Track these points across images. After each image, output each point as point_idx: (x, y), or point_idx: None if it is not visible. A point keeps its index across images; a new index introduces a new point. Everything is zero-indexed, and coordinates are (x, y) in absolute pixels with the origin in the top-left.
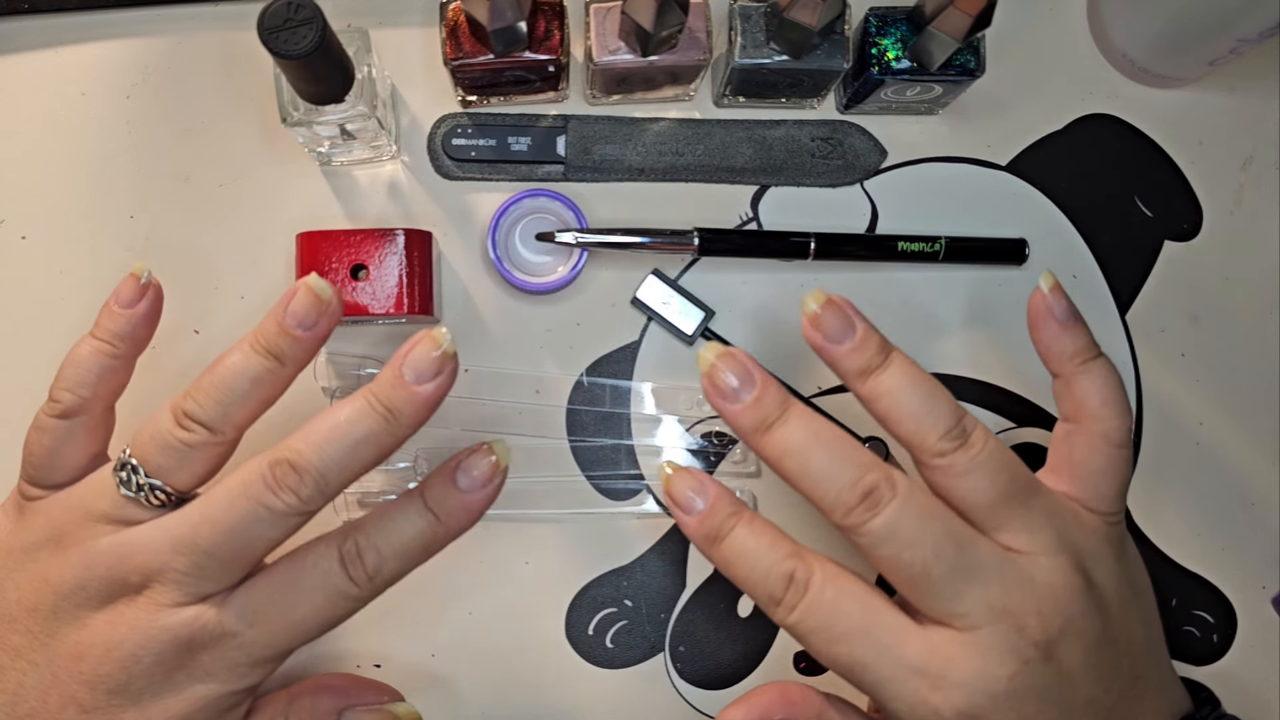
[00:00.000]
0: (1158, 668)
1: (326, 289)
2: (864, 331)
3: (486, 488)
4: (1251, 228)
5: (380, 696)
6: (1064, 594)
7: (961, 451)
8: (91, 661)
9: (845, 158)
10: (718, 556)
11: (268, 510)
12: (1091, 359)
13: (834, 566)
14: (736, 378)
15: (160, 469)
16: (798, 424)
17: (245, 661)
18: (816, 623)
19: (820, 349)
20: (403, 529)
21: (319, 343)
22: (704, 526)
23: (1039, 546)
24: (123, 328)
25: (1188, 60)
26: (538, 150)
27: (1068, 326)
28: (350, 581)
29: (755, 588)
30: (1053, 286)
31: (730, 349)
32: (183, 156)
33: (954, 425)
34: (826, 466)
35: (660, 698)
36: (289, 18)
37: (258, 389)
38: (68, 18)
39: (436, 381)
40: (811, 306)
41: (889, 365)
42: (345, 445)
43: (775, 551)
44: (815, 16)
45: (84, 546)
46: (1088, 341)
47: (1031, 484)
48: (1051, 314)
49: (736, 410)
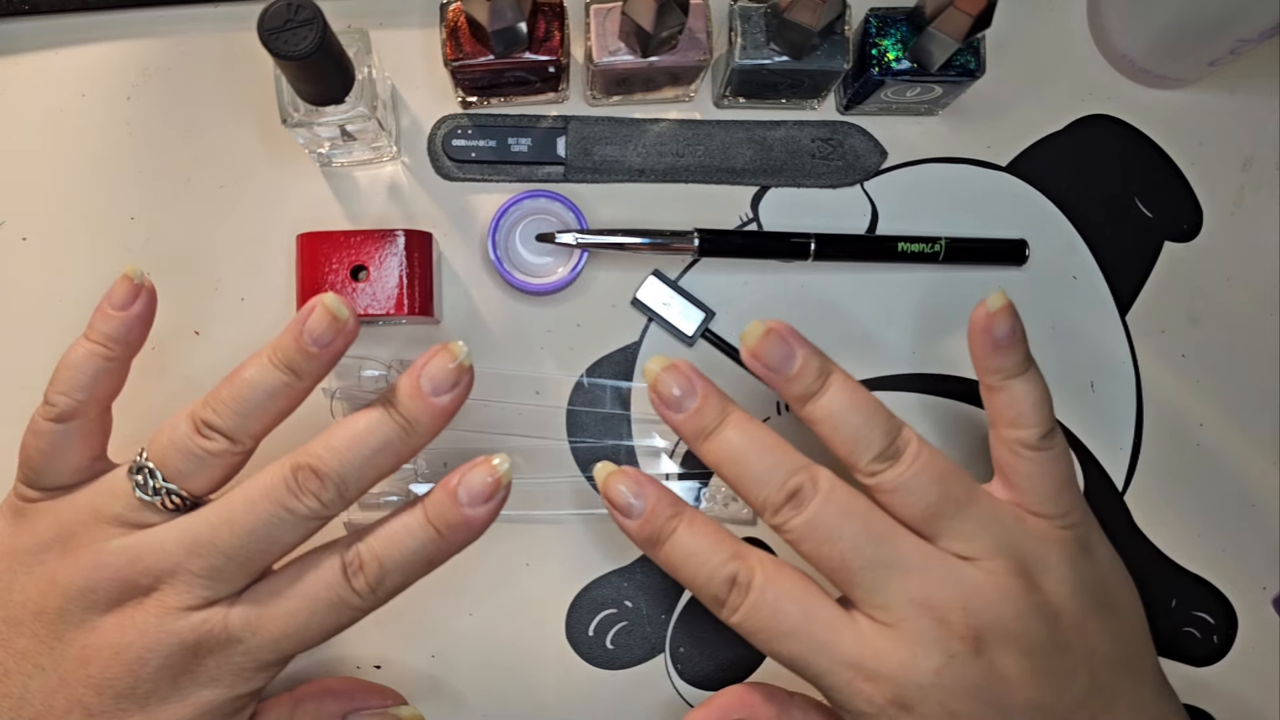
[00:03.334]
0: (1134, 685)
1: (343, 309)
2: (803, 359)
3: (488, 504)
4: (1251, 228)
5: (384, 700)
6: (995, 594)
7: (891, 470)
8: (99, 665)
9: (845, 158)
10: (661, 558)
11: (289, 513)
12: (1016, 375)
13: (774, 565)
14: (679, 389)
15: (178, 474)
16: (734, 431)
17: (250, 666)
18: (758, 624)
19: (762, 378)
20: (405, 542)
21: (336, 359)
22: (645, 529)
23: (977, 551)
24: (117, 330)
25: (1188, 61)
26: (538, 151)
27: (1002, 348)
28: (353, 592)
29: (700, 590)
30: (1000, 309)
31: (675, 361)
32: (183, 157)
33: (886, 447)
34: (758, 469)
35: (660, 698)
36: (289, 19)
37: (275, 401)
38: (68, 18)
39: (453, 393)
40: (750, 340)
41: (826, 390)
42: (364, 453)
43: (718, 554)
44: (815, 17)
45: (94, 548)
46: (1018, 360)
47: (968, 494)
48: (989, 333)
49: (680, 420)
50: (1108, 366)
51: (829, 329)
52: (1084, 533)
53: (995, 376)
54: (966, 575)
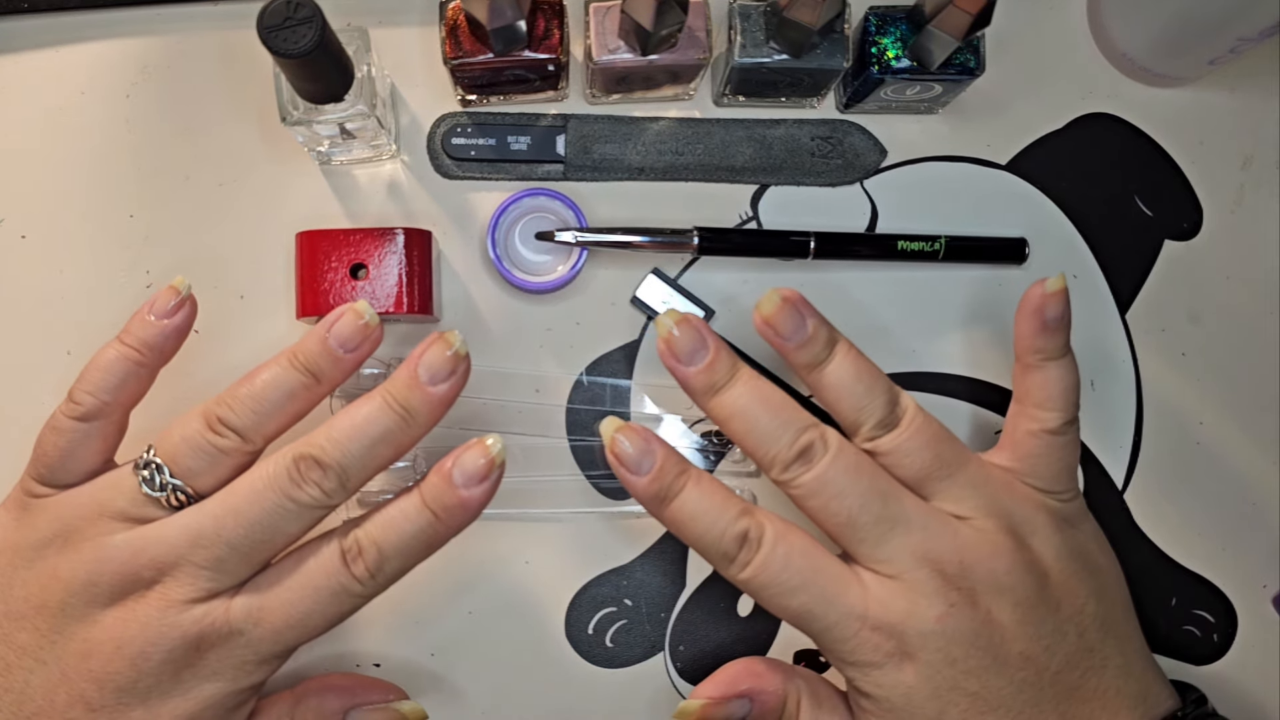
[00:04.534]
0: (1120, 649)
1: (372, 315)
2: (813, 327)
3: (483, 484)
4: (1251, 227)
5: (385, 695)
6: (988, 549)
7: (889, 435)
8: (100, 659)
9: (845, 157)
10: (668, 517)
11: (293, 503)
12: (1055, 358)
13: (782, 523)
14: (692, 343)
15: (186, 471)
16: (744, 388)
17: (251, 659)
18: (769, 579)
19: (775, 345)
20: (402, 527)
21: (358, 365)
22: (653, 487)
23: (968, 511)
24: (154, 337)
25: (1188, 60)
26: (537, 149)
27: (1049, 330)
28: (353, 579)
29: (708, 548)
30: (1057, 290)
31: (688, 315)
32: (182, 155)
33: (887, 414)
34: (768, 427)
35: (660, 697)
36: (288, 16)
37: (292, 403)
38: (68, 17)
39: (450, 381)
40: (766, 308)
41: (833, 358)
42: (365, 442)
43: (727, 511)
44: (815, 15)
45: (97, 542)
46: (1060, 344)
47: (959, 458)
48: (1041, 313)
49: (690, 373)
50: (1108, 365)
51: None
52: (1071, 510)
53: (1036, 356)
54: (961, 531)
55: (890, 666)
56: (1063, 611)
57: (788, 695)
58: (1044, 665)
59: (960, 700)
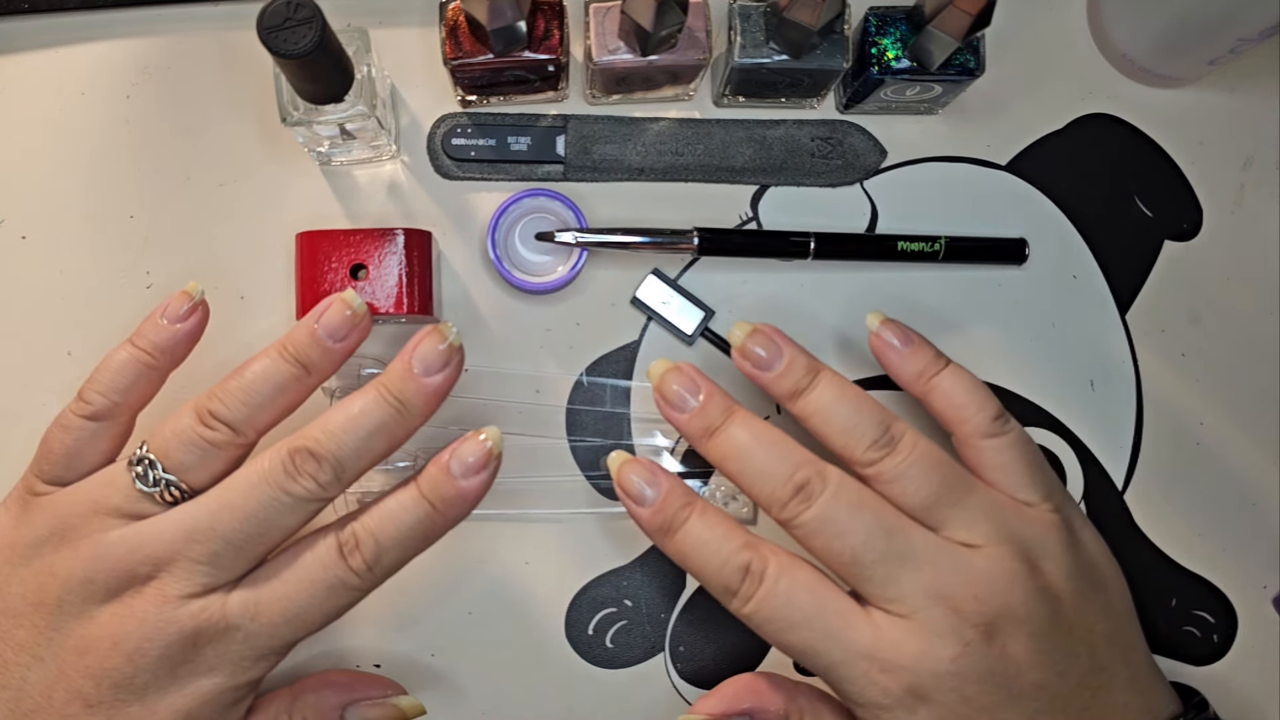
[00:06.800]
0: (1127, 663)
1: (359, 304)
2: (790, 356)
3: (481, 474)
4: (1251, 228)
5: (384, 691)
6: (1002, 580)
7: (889, 459)
8: (97, 655)
9: (845, 157)
10: (672, 548)
11: (288, 495)
12: (936, 373)
13: (787, 556)
14: (684, 389)
15: (179, 466)
16: (739, 428)
17: (249, 655)
18: (771, 613)
19: (751, 376)
20: (400, 518)
21: (347, 354)
22: (657, 518)
23: (979, 539)
24: (166, 341)
25: (1188, 60)
26: (537, 150)
27: (907, 352)
28: (350, 571)
29: (711, 579)
30: (881, 323)
31: (678, 363)
32: (182, 156)
33: (880, 435)
34: (764, 465)
35: (660, 698)
36: (288, 17)
37: (283, 395)
38: (68, 17)
39: (444, 373)
40: (739, 336)
41: (816, 385)
42: (360, 435)
43: (730, 542)
44: (815, 16)
45: (93, 539)
46: (931, 358)
47: (965, 482)
48: (890, 346)
49: (685, 419)
50: (1108, 365)
51: (829, 328)
52: (1068, 515)
53: (919, 382)
54: (974, 564)
55: (901, 711)
56: (1075, 634)
57: (789, 716)
58: (1056, 691)
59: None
